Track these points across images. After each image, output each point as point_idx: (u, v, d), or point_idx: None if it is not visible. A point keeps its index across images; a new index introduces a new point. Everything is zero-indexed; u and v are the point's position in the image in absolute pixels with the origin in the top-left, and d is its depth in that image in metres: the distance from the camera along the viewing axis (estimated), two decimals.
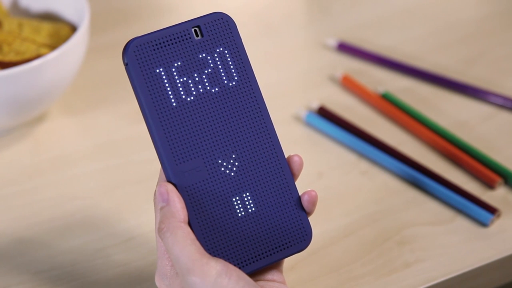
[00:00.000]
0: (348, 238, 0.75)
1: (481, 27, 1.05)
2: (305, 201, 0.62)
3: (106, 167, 0.84)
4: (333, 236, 0.75)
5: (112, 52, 0.99)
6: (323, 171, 0.83)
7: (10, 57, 0.84)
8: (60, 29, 0.89)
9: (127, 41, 0.60)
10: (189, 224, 0.59)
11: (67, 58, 0.83)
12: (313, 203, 0.62)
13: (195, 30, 0.61)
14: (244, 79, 0.62)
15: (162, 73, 0.60)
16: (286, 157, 0.62)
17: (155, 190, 0.60)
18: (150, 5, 1.10)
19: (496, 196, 0.80)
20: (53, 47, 0.86)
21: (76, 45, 0.83)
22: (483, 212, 0.77)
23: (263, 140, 0.62)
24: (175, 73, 0.60)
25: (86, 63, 0.93)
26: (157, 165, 0.82)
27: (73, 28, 0.90)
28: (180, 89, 0.60)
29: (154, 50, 0.60)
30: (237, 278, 0.56)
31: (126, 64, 0.59)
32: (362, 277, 0.72)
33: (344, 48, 1.00)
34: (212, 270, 0.56)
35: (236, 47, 0.62)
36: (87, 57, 0.91)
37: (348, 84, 0.94)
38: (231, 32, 0.62)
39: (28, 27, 0.88)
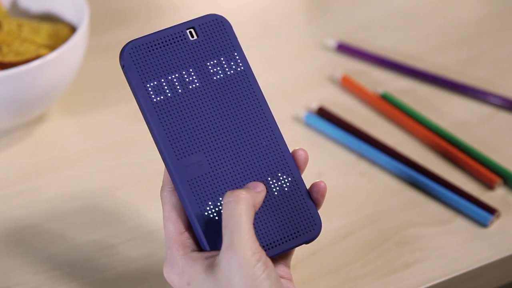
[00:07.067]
0: (348, 238, 0.75)
1: (481, 28, 1.05)
2: (314, 192, 0.62)
3: (106, 167, 0.84)
4: (332, 236, 0.75)
5: (111, 53, 0.99)
6: (322, 172, 0.83)
7: (10, 58, 0.84)
8: (59, 29, 0.89)
9: (124, 44, 0.61)
10: (192, 218, 0.59)
11: (66, 59, 0.83)
12: (322, 194, 0.62)
13: (190, 32, 0.62)
14: (242, 75, 0.63)
15: (158, 73, 0.61)
16: (291, 151, 0.63)
17: (162, 186, 0.61)
18: (149, 6, 1.10)
19: (495, 196, 0.80)
20: (52, 47, 0.86)
21: (75, 45, 0.83)
22: (482, 213, 0.77)
23: (264, 131, 0.62)
24: (170, 72, 0.61)
25: (85, 64, 0.93)
26: (157, 165, 0.82)
27: (72, 29, 0.90)
28: (177, 86, 0.61)
29: (149, 51, 0.61)
30: (271, 271, 0.57)
31: (123, 66, 0.61)
32: (362, 278, 0.72)
33: (344, 48, 1.00)
34: (256, 255, 0.56)
35: (232, 46, 0.63)
36: (87, 57, 0.91)
37: (348, 85, 0.94)
38: (226, 32, 0.63)
39: (28, 27, 0.88)
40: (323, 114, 0.89)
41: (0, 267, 0.73)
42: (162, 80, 0.61)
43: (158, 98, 0.60)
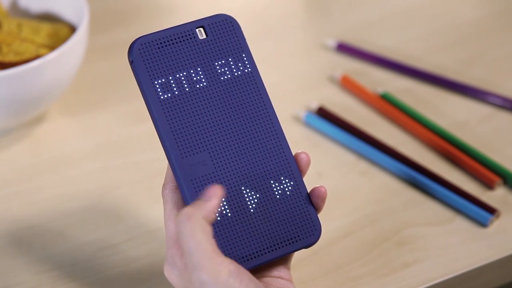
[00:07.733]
0: (348, 238, 0.75)
1: (481, 27, 1.05)
2: (314, 197, 0.62)
3: (106, 167, 0.84)
4: (332, 236, 0.75)
5: (111, 52, 0.99)
6: (322, 172, 0.83)
7: (10, 58, 0.84)
8: (59, 29, 0.89)
9: (133, 40, 0.61)
10: None
11: (66, 59, 0.83)
12: (322, 199, 0.62)
13: (199, 30, 0.62)
14: (248, 77, 0.63)
15: (166, 70, 0.61)
16: (293, 154, 0.63)
17: (163, 184, 0.61)
18: (150, 5, 1.10)
19: (495, 196, 0.80)
20: (52, 47, 0.86)
21: (75, 45, 0.83)
22: (482, 213, 0.77)
23: (269, 134, 0.62)
24: (179, 70, 0.61)
25: (85, 63, 0.93)
26: (157, 165, 0.82)
27: (72, 29, 0.90)
28: (184, 84, 0.61)
29: (158, 48, 0.61)
30: (248, 280, 0.55)
31: (131, 62, 0.61)
32: (361, 278, 0.72)
33: (344, 48, 1.00)
34: (225, 270, 0.55)
35: (241, 47, 0.63)
36: (87, 57, 0.91)
37: (348, 85, 0.94)
38: (235, 33, 0.63)
39: (28, 27, 0.88)
40: (323, 114, 0.89)
41: (0, 267, 0.73)
42: (170, 78, 0.61)
43: (165, 96, 0.61)
